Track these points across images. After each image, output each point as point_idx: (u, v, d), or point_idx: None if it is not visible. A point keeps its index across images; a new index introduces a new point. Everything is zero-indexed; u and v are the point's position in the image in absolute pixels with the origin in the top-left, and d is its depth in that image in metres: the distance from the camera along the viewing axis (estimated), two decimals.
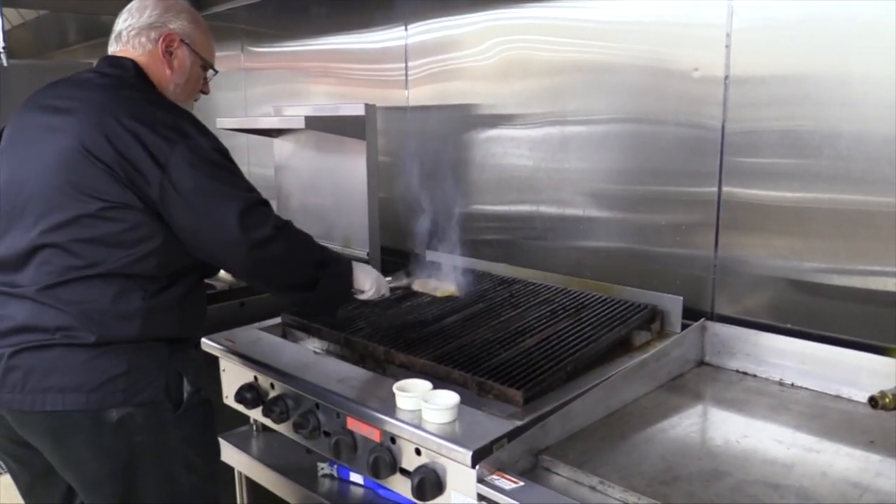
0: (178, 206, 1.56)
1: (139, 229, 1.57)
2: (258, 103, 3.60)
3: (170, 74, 1.77)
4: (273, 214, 1.65)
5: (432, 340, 1.83)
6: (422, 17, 2.63)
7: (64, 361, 1.56)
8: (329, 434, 1.68)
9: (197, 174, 1.56)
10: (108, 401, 1.56)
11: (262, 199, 1.65)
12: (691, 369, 1.81)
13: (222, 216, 1.56)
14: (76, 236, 1.56)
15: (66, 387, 1.55)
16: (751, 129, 1.81)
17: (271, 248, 1.61)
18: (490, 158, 2.46)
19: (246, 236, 1.57)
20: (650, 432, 1.48)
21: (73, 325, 1.55)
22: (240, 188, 1.62)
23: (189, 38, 1.79)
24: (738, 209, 1.85)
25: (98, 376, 1.56)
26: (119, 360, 1.57)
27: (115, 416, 1.57)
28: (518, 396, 1.52)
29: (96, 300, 1.57)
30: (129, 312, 1.58)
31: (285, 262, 1.65)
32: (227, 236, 1.58)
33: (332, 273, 1.77)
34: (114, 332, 1.57)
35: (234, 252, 1.60)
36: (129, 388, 1.57)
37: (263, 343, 2.01)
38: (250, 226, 1.57)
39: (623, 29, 2.02)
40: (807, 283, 1.76)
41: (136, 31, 1.74)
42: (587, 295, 2.08)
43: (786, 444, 1.41)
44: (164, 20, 1.76)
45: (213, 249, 1.62)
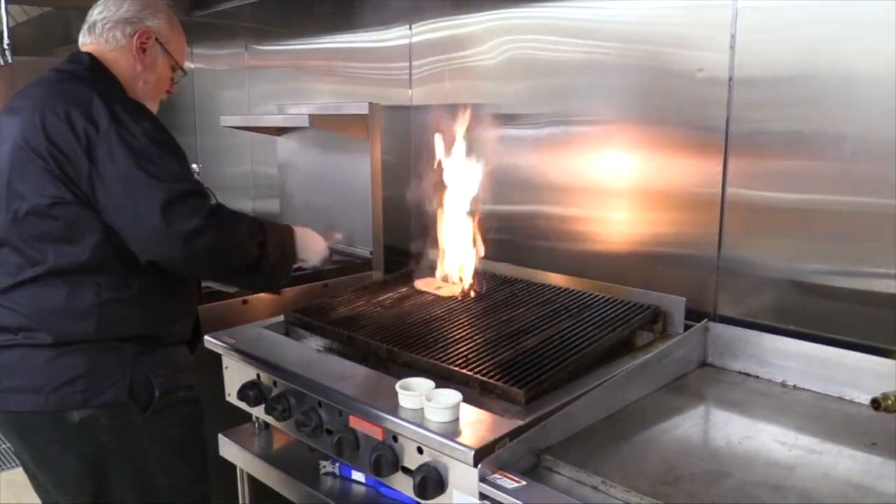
0: (104, 195, 1.53)
1: (79, 224, 1.56)
2: (262, 101, 3.60)
3: (140, 70, 1.76)
4: (202, 204, 1.58)
5: (435, 339, 1.83)
6: (426, 16, 2.63)
7: (25, 362, 1.57)
8: (331, 432, 1.68)
9: (121, 162, 1.52)
10: (67, 402, 1.57)
11: (190, 188, 1.58)
12: (694, 370, 1.81)
13: (146, 207, 1.51)
14: (24, 234, 1.57)
15: (27, 387, 1.57)
16: (755, 131, 1.80)
17: (202, 240, 1.54)
18: (493, 158, 2.45)
19: (171, 228, 1.51)
20: (652, 433, 1.48)
21: (31, 327, 1.57)
22: (166, 177, 1.55)
23: (163, 37, 1.79)
24: (742, 210, 1.85)
25: (57, 378, 1.56)
26: (79, 361, 1.57)
27: (76, 417, 1.58)
28: (520, 396, 1.52)
29: (50, 300, 1.57)
30: (84, 310, 1.57)
31: (220, 251, 1.59)
32: (150, 228, 1.53)
33: (273, 250, 1.72)
34: (70, 332, 1.57)
35: (162, 244, 1.54)
36: (88, 390, 1.57)
37: (266, 341, 2.01)
38: (175, 218, 1.52)
39: (628, 29, 2.02)
40: (810, 285, 1.76)
41: (111, 25, 1.74)
42: (589, 295, 2.08)
43: (788, 445, 1.41)
44: (142, 17, 1.76)
45: (140, 241, 1.56)
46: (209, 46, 3.99)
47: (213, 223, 1.56)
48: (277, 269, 1.76)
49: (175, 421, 1.69)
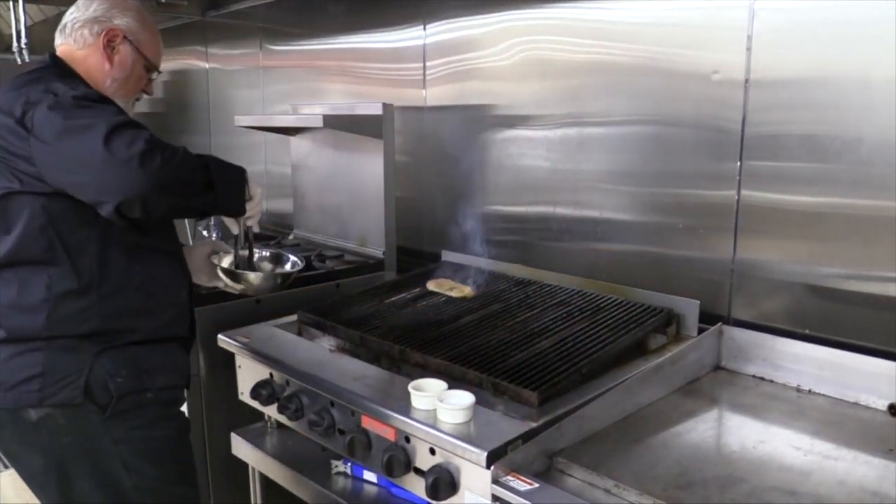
0: (48, 156, 1.52)
1: (22, 211, 1.56)
2: (276, 101, 3.62)
3: (108, 69, 1.76)
4: (140, 131, 1.52)
5: (448, 340, 1.83)
6: (440, 17, 2.63)
7: None
8: (344, 432, 1.68)
9: (57, 119, 1.50)
10: (23, 401, 1.58)
11: (124, 120, 1.54)
12: (707, 374, 1.80)
13: (88, 149, 1.48)
14: None
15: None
16: (771, 133, 1.79)
17: (151, 161, 1.48)
18: (507, 159, 2.46)
19: (116, 157, 1.47)
20: (665, 436, 1.48)
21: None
22: (104, 117, 1.52)
23: (133, 35, 1.79)
24: (757, 213, 1.84)
25: (14, 375, 1.58)
26: (35, 360, 1.58)
27: (33, 415, 1.59)
28: (533, 398, 1.52)
29: (2, 294, 1.59)
30: (34, 304, 1.58)
31: (172, 170, 1.53)
32: (98, 167, 1.48)
33: (223, 172, 1.69)
34: (21, 326, 1.58)
35: (115, 178, 1.49)
36: (44, 389, 1.58)
37: (279, 340, 2.02)
38: (118, 147, 1.47)
39: (643, 31, 2.02)
40: (825, 289, 1.75)
41: (80, 24, 1.76)
42: (603, 297, 2.07)
43: (803, 450, 1.40)
44: (110, 15, 1.77)
45: (95, 187, 1.51)
46: (224, 46, 4.01)
47: (156, 145, 1.51)
48: (232, 189, 1.72)
49: (144, 422, 1.67)
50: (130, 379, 1.64)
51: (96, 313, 1.62)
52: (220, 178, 1.67)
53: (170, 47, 4.57)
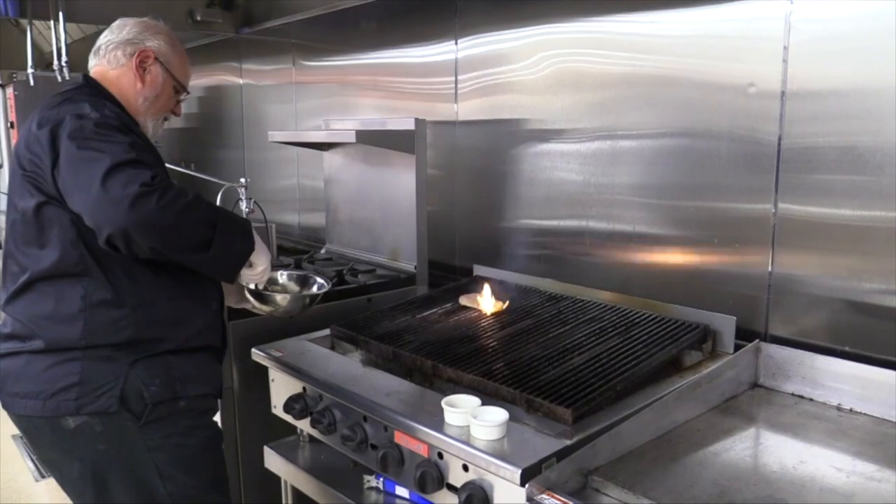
0: (62, 180, 1.58)
1: (53, 226, 1.63)
2: (309, 116, 3.65)
3: (140, 88, 1.83)
4: (141, 173, 1.53)
5: (480, 356, 1.82)
6: (472, 32, 2.64)
7: (28, 369, 1.65)
8: (376, 447, 1.68)
9: (75, 143, 1.57)
10: (62, 409, 1.63)
11: (132, 158, 1.55)
12: (745, 391, 1.77)
13: (88, 178, 1.53)
14: (17, 242, 1.68)
15: (28, 393, 1.65)
16: (808, 145, 1.77)
17: (142, 206, 1.50)
18: (539, 173, 2.45)
19: (109, 195, 1.50)
20: (702, 455, 1.45)
21: (29, 334, 1.65)
22: (109, 150, 1.55)
23: (164, 57, 1.86)
24: (795, 227, 1.81)
25: (53, 385, 1.63)
26: (73, 369, 1.63)
27: (71, 423, 1.63)
28: (567, 415, 1.51)
29: (39, 307, 1.65)
30: (70, 315, 1.63)
31: (163, 220, 1.53)
32: (92, 198, 1.53)
33: (227, 235, 1.66)
34: (59, 337, 1.63)
35: (106, 212, 1.52)
36: (81, 398, 1.62)
37: (312, 354, 2.03)
38: (113, 185, 1.50)
39: (677, 43, 2.00)
40: (866, 305, 1.71)
41: (113, 46, 1.84)
42: (637, 313, 2.05)
43: (845, 471, 1.37)
44: (142, 38, 1.85)
45: (88, 214, 1.56)
46: (257, 62, 4.07)
47: (153, 191, 1.52)
48: (230, 256, 1.70)
49: (176, 430, 1.71)
50: (164, 387, 1.68)
51: (130, 323, 1.66)
52: (220, 241, 1.64)
53: (204, 64, 4.66)
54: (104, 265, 1.65)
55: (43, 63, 5.04)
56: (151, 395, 1.66)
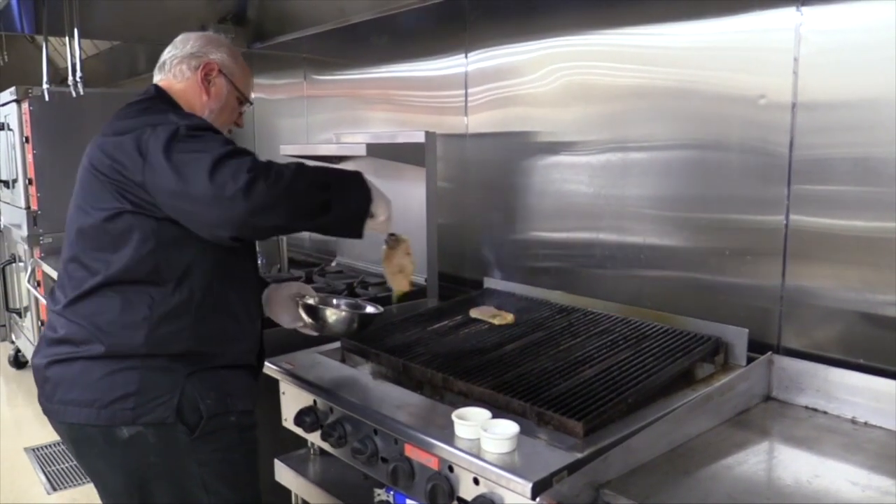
0: (160, 185, 1.57)
1: (132, 233, 1.62)
2: (320, 130, 3.67)
3: (206, 100, 1.85)
4: (247, 160, 1.56)
5: (491, 368, 1.82)
6: (482, 45, 2.65)
7: (83, 376, 1.64)
8: (387, 460, 1.68)
9: (170, 148, 1.56)
10: (118, 418, 1.61)
11: (230, 150, 1.57)
12: (758, 404, 1.75)
13: (194, 179, 1.53)
14: (85, 248, 1.67)
15: (83, 401, 1.63)
16: (820, 157, 1.76)
17: (256, 192, 1.51)
18: (549, 185, 2.45)
19: (222, 191, 1.51)
20: (715, 469, 1.44)
21: (89, 338, 1.63)
22: (207, 149, 1.56)
23: (227, 69, 1.88)
24: (807, 238, 1.80)
25: (110, 393, 1.61)
26: (131, 378, 1.62)
27: (125, 433, 1.62)
28: (578, 428, 1.50)
29: (105, 311, 1.64)
30: (136, 322, 1.62)
31: (276, 199, 1.55)
32: (205, 198, 1.53)
33: (343, 193, 1.68)
34: (120, 343, 1.62)
35: (222, 210, 1.53)
36: (138, 408, 1.61)
37: (322, 367, 2.03)
38: (223, 180, 1.51)
39: (686, 55, 2.00)
40: (880, 317, 1.70)
41: (178, 60, 1.86)
42: (648, 325, 2.04)
43: (860, 486, 1.35)
44: (206, 51, 1.87)
45: (203, 219, 1.58)
46: (269, 76, 4.10)
47: (259, 174, 1.53)
48: (351, 212, 1.71)
49: (223, 444, 1.71)
50: (217, 401, 1.69)
51: (191, 335, 1.67)
52: (338, 199, 1.66)
53: None
54: (178, 276, 1.64)
55: (58, 79, 5.11)
56: (207, 407, 1.66)
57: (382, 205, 1.78)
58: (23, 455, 4.01)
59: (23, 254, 4.65)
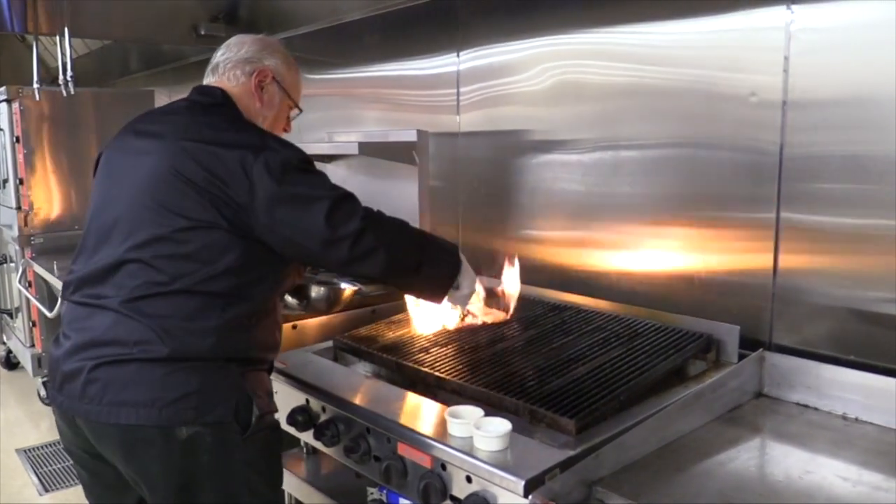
0: (267, 214, 1.58)
1: (219, 246, 1.60)
2: (312, 129, 3.66)
3: (259, 107, 1.83)
4: (359, 206, 1.66)
5: (483, 367, 1.82)
6: (474, 44, 2.66)
7: (140, 376, 1.59)
8: (379, 459, 1.68)
9: (281, 182, 1.58)
10: (179, 418, 1.58)
11: (345, 193, 1.66)
12: (749, 401, 1.76)
13: (311, 219, 1.59)
14: (161, 253, 1.61)
15: (140, 401, 1.58)
16: (810, 154, 1.77)
17: (364, 240, 1.62)
18: (541, 183, 2.46)
19: (335, 233, 1.60)
20: (707, 465, 1.45)
21: (151, 339, 1.58)
22: (323, 189, 1.64)
23: (280, 76, 1.86)
24: (798, 236, 1.81)
25: (171, 393, 1.58)
26: (192, 377, 1.59)
27: (185, 433, 1.59)
28: (570, 425, 1.50)
29: (175, 314, 1.60)
30: (206, 328, 1.60)
31: (380, 249, 1.65)
32: (320, 239, 1.60)
33: (435, 258, 1.79)
34: (188, 347, 1.60)
35: (329, 250, 1.62)
36: (200, 407, 1.59)
37: (315, 366, 2.03)
38: (338, 223, 1.60)
39: (678, 53, 2.01)
40: (870, 314, 1.71)
41: (232, 65, 1.82)
42: (640, 322, 2.05)
43: (851, 481, 1.36)
44: (260, 56, 1.84)
45: (308, 252, 1.65)
46: None
47: (370, 224, 1.64)
48: (438, 278, 1.80)
49: (264, 444, 1.71)
50: (265, 400, 1.70)
51: (253, 342, 1.69)
52: (430, 262, 1.76)
53: None
54: (250, 290, 1.65)
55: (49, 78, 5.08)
56: (259, 406, 1.67)
57: (468, 280, 1.86)
58: (14, 456, 4.00)
59: (14, 254, 4.63)
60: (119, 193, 1.69)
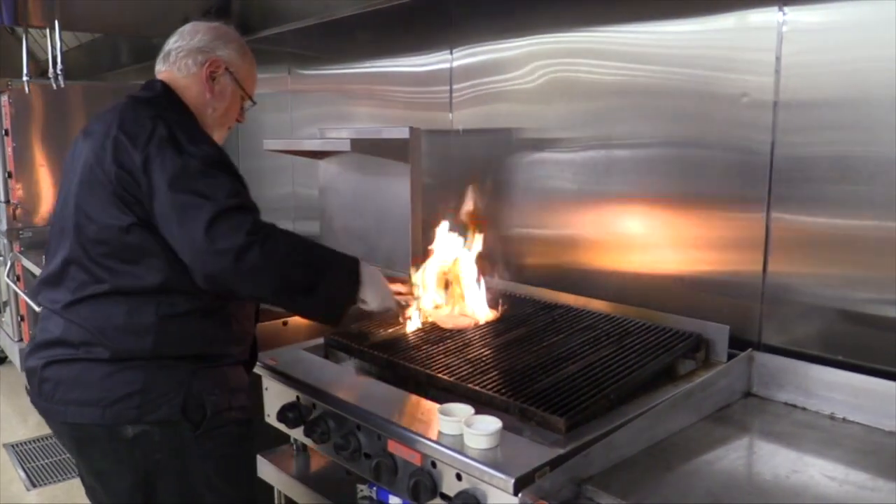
0: (159, 212, 1.56)
1: (140, 243, 1.59)
2: (304, 125, 3.66)
3: (209, 98, 1.81)
4: (249, 220, 1.56)
5: (474, 365, 1.82)
6: (467, 41, 2.65)
7: (85, 376, 1.62)
8: (370, 456, 1.68)
9: (176, 184, 1.54)
10: (123, 417, 1.60)
11: (236, 204, 1.57)
12: (738, 400, 1.77)
13: (192, 226, 1.53)
14: (92, 254, 1.62)
15: (86, 401, 1.61)
16: (801, 155, 1.78)
17: (248, 257, 1.52)
18: (533, 182, 2.46)
19: (214, 247, 1.51)
20: (696, 464, 1.45)
21: (91, 341, 1.61)
22: (213, 195, 1.55)
23: (234, 67, 1.83)
24: (787, 236, 1.82)
25: (114, 392, 1.60)
26: (135, 377, 1.60)
27: (130, 432, 1.61)
28: (560, 424, 1.51)
29: (111, 316, 1.61)
30: (143, 327, 1.60)
31: (264, 269, 1.56)
32: (196, 248, 1.53)
33: (331, 278, 1.70)
34: (127, 348, 1.60)
35: (209, 264, 1.54)
36: (143, 406, 1.60)
37: (306, 363, 2.02)
38: (218, 235, 1.52)
39: (670, 53, 2.01)
40: (858, 314, 1.72)
41: (184, 53, 1.79)
42: (631, 322, 2.06)
43: (838, 480, 1.37)
44: (213, 46, 1.81)
45: (190, 261, 1.57)
46: None
47: (258, 240, 1.54)
48: (334, 299, 1.73)
49: (225, 440, 1.71)
50: (222, 397, 1.68)
51: (200, 339, 1.67)
52: (325, 283, 1.67)
53: None
54: (183, 285, 1.62)
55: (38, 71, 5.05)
56: (212, 404, 1.66)
57: (373, 294, 1.79)
58: (2, 451, 3.98)
59: (2, 248, 4.60)
60: (67, 195, 1.70)
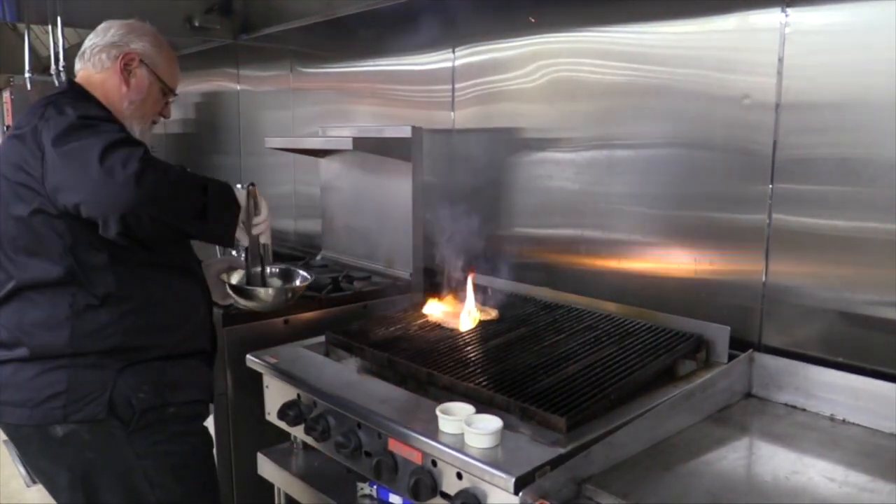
0: (53, 175, 1.54)
1: (44, 234, 1.60)
2: (306, 123, 3.65)
3: (125, 91, 1.81)
4: (140, 150, 1.55)
5: (475, 364, 1.82)
6: (469, 41, 2.65)
7: (15, 377, 1.64)
8: (370, 454, 1.68)
9: (62, 138, 1.54)
10: (49, 417, 1.61)
11: (121, 138, 1.57)
12: (738, 401, 1.77)
13: (85, 162, 1.51)
14: (8, 251, 1.65)
15: (17, 401, 1.63)
16: (803, 157, 1.78)
17: (147, 180, 1.51)
18: (535, 181, 2.46)
19: (113, 178, 1.49)
20: (696, 465, 1.46)
21: (14, 342, 1.63)
22: (101, 137, 1.55)
23: (149, 59, 1.84)
24: (789, 237, 1.82)
25: (41, 393, 1.61)
26: (60, 377, 1.61)
27: (59, 431, 1.62)
28: (561, 423, 1.51)
29: (28, 313, 1.63)
30: (57, 322, 1.61)
31: (164, 190, 1.56)
32: (94, 184, 1.51)
33: (215, 195, 1.69)
34: (44, 344, 1.61)
35: (112, 197, 1.50)
36: (68, 406, 1.61)
37: (306, 361, 2.03)
38: (113, 166, 1.50)
39: (672, 54, 2.01)
40: (859, 316, 1.72)
41: (98, 49, 1.81)
42: (631, 322, 2.06)
43: (837, 482, 1.37)
44: (127, 40, 1.82)
45: (93, 203, 1.52)
46: (255, 69, 4.07)
47: (150, 164, 1.54)
48: (224, 215, 1.72)
49: (165, 437, 1.70)
50: (153, 394, 1.68)
51: (118, 330, 1.65)
52: (214, 204, 1.67)
53: (202, 69, 4.65)
54: (92, 273, 1.62)
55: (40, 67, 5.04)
56: (140, 401, 1.65)
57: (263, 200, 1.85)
58: (1, 448, 3.97)
59: None
60: None
